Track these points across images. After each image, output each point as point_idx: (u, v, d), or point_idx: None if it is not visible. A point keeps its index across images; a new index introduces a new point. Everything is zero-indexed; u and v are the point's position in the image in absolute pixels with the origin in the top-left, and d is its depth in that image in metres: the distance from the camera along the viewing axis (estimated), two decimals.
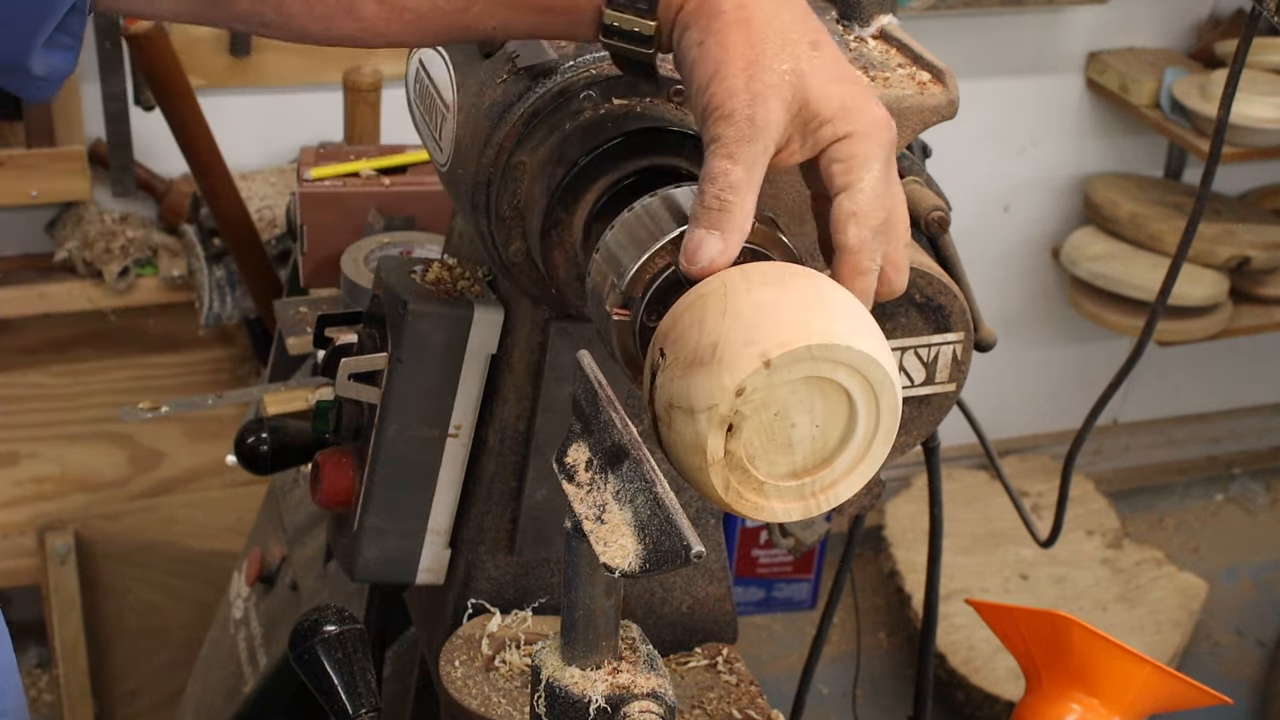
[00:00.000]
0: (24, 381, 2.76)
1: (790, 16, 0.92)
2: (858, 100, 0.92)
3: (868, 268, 0.92)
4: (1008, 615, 1.23)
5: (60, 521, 2.75)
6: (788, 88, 0.90)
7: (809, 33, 0.92)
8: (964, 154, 3.10)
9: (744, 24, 0.91)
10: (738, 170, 0.89)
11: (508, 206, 1.09)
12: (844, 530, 1.53)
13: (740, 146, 0.89)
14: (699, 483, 0.87)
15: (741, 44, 0.90)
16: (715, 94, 0.90)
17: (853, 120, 0.91)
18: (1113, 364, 1.68)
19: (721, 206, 0.89)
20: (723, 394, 0.84)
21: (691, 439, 0.86)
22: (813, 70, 0.91)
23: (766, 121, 0.90)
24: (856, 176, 0.91)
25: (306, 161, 1.96)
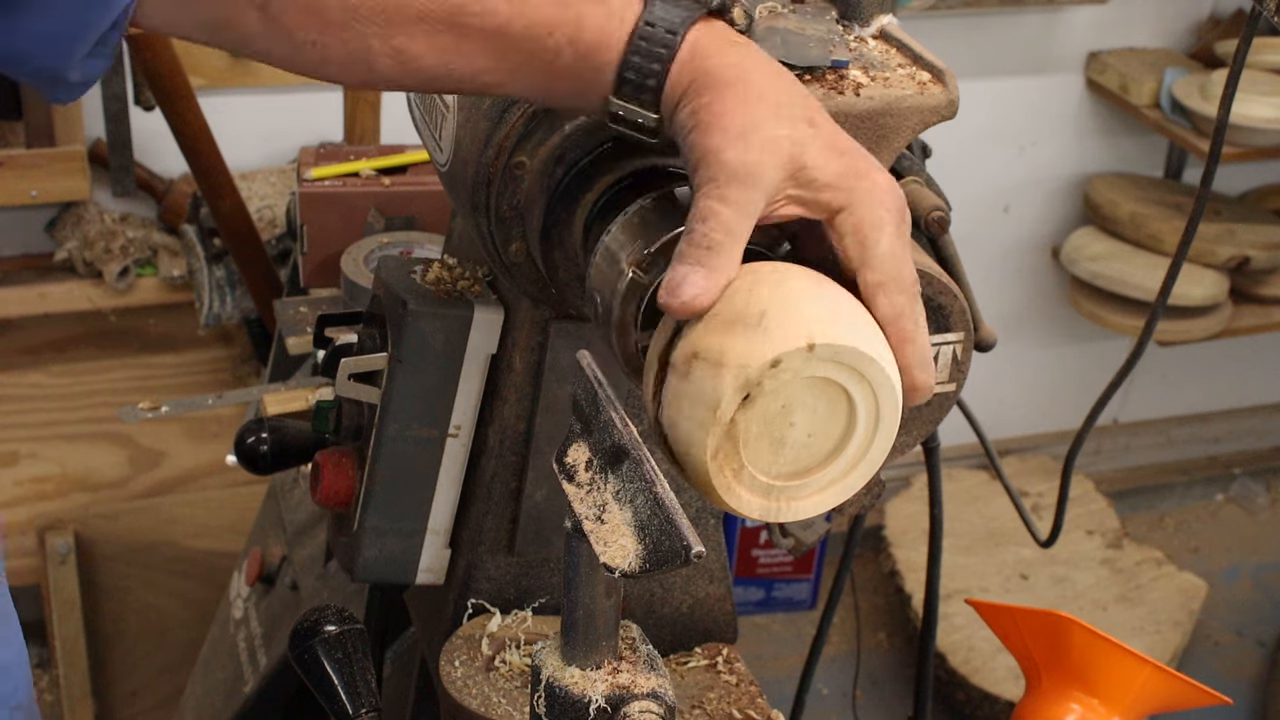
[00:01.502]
0: (24, 381, 2.76)
1: (788, 95, 0.92)
2: (859, 168, 0.91)
3: (912, 332, 0.91)
4: (1008, 615, 1.23)
5: (60, 521, 2.75)
6: (784, 149, 0.90)
7: (806, 110, 0.92)
8: (964, 154, 3.10)
9: (740, 96, 0.91)
10: (728, 212, 0.88)
11: (508, 206, 1.09)
12: (844, 530, 1.53)
13: (732, 189, 0.89)
14: (691, 440, 0.86)
15: (738, 111, 0.90)
16: (710, 147, 0.90)
17: (855, 188, 0.90)
18: (1113, 364, 1.68)
19: (710, 245, 0.88)
20: (758, 359, 0.84)
21: (708, 392, 0.85)
22: (810, 140, 0.91)
23: (760, 172, 0.89)
24: (872, 245, 0.90)
25: (306, 161, 1.96)
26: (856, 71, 1.15)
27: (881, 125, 1.12)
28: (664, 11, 0.94)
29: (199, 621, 2.55)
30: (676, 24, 0.93)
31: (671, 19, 0.93)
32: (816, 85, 1.12)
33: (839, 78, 1.14)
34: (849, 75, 1.14)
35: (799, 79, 0.98)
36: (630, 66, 0.94)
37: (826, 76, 1.13)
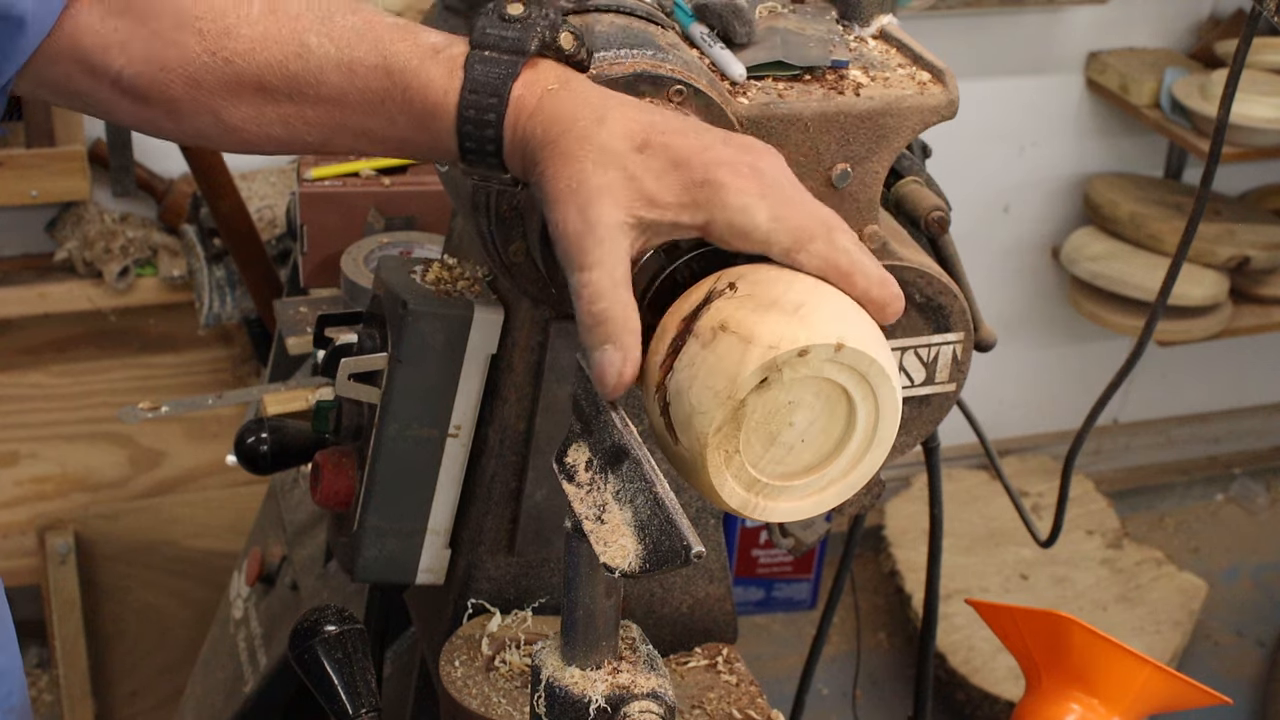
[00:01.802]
0: (24, 381, 2.76)
1: (608, 131, 0.91)
2: (694, 175, 0.89)
3: (848, 264, 0.89)
4: (1008, 615, 1.23)
5: (60, 521, 2.76)
6: (615, 192, 0.89)
7: (631, 139, 0.91)
8: (964, 154, 3.10)
9: (561, 153, 0.91)
10: (595, 276, 0.88)
11: (508, 206, 1.09)
12: (844, 530, 1.53)
13: (586, 255, 0.88)
14: (699, 408, 0.85)
15: (561, 173, 0.90)
16: (553, 220, 0.90)
17: (700, 199, 0.89)
18: (1113, 364, 1.68)
19: (598, 319, 0.88)
20: (789, 344, 0.84)
21: (730, 364, 0.85)
22: (642, 169, 0.90)
23: (602, 223, 0.88)
24: (752, 229, 0.89)
25: (306, 161, 1.96)
26: (856, 71, 1.15)
27: (881, 125, 1.12)
28: (484, 74, 0.94)
29: (199, 621, 2.55)
30: (497, 84, 0.94)
31: (492, 80, 0.94)
32: (817, 85, 1.13)
33: (839, 78, 1.14)
34: (849, 75, 1.14)
35: (638, 102, 0.97)
36: (465, 135, 0.95)
37: (826, 76, 1.13)
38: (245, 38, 0.97)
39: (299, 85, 0.97)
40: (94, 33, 0.97)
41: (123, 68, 0.97)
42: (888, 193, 1.23)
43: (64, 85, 1.00)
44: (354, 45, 0.97)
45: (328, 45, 0.97)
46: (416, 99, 0.96)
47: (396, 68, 0.96)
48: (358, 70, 0.96)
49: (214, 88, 0.98)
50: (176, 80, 0.98)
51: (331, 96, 0.97)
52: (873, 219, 1.16)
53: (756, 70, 1.12)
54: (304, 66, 0.97)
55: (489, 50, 0.94)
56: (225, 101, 0.98)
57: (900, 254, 1.16)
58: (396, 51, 0.96)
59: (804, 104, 1.10)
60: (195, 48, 0.97)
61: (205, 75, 0.97)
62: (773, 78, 1.13)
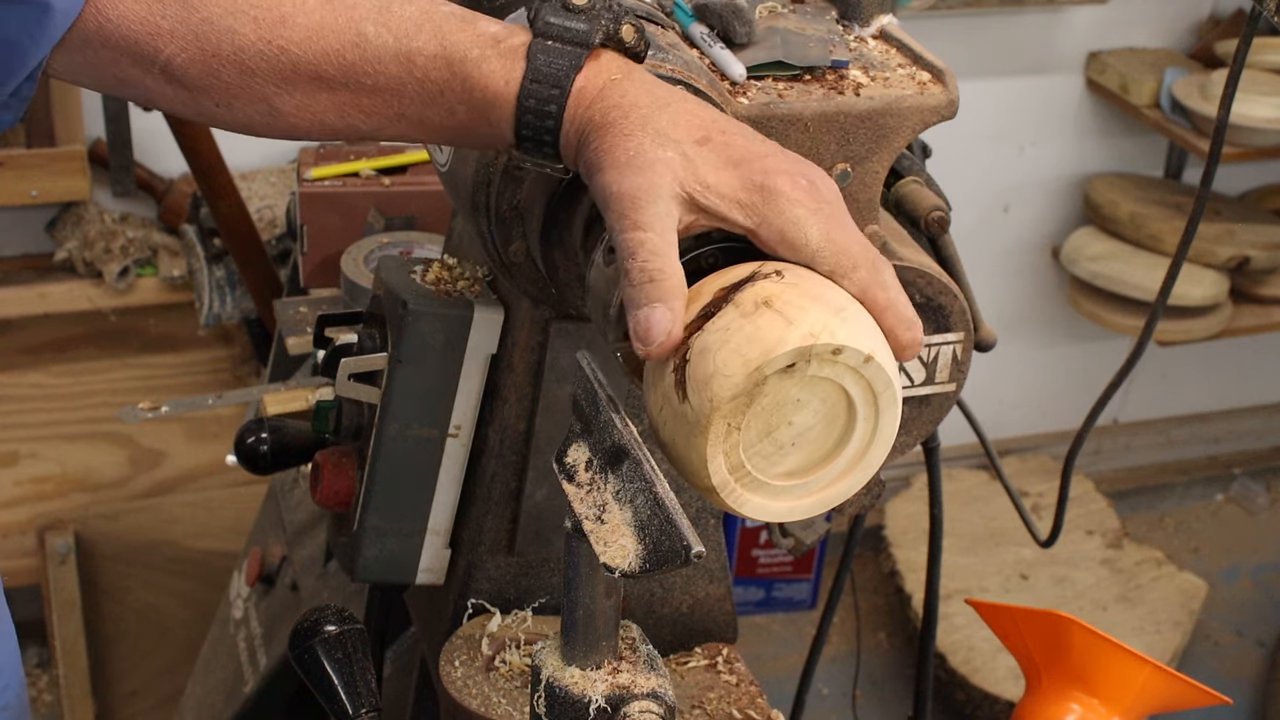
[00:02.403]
0: (24, 381, 2.76)
1: (670, 120, 0.91)
2: (754, 179, 0.90)
3: (885, 300, 0.90)
4: (1008, 615, 1.23)
5: (60, 521, 2.76)
6: (672, 169, 0.89)
7: (692, 131, 0.91)
8: (964, 154, 3.10)
9: (621, 131, 0.91)
10: (650, 236, 0.88)
11: (508, 206, 1.09)
12: (844, 530, 1.53)
13: (641, 213, 0.88)
14: (724, 370, 0.85)
15: (618, 146, 0.90)
16: (604, 185, 0.90)
17: (758, 202, 0.89)
18: (1113, 364, 1.68)
19: (652, 277, 0.87)
20: (829, 337, 0.84)
21: (768, 337, 0.84)
22: (700, 158, 0.90)
23: (654, 190, 0.88)
24: (801, 246, 0.89)
25: (306, 161, 1.96)
26: (856, 71, 1.15)
27: (881, 125, 1.12)
28: (546, 64, 0.94)
29: (199, 621, 2.55)
30: (560, 76, 0.93)
31: (555, 71, 0.94)
32: (817, 85, 1.13)
33: (839, 78, 1.14)
34: (849, 75, 1.14)
35: (696, 96, 0.97)
36: (524, 125, 0.95)
37: (826, 76, 1.13)
38: (301, 26, 0.96)
39: (356, 75, 0.96)
40: (140, 20, 0.95)
41: (172, 55, 0.96)
42: (888, 193, 1.23)
43: (107, 72, 0.98)
44: (412, 35, 0.96)
45: (385, 35, 0.96)
46: (477, 89, 0.95)
47: (457, 58, 0.95)
48: (416, 60, 0.95)
49: (268, 76, 0.96)
50: (229, 68, 0.96)
51: (389, 86, 0.96)
52: (873, 219, 1.16)
53: (756, 70, 1.12)
54: (361, 56, 0.96)
55: (552, 40, 0.94)
56: (279, 90, 0.97)
57: (900, 254, 1.16)
58: (457, 42, 0.95)
59: (804, 104, 1.10)
60: (250, 35, 0.95)
61: (259, 63, 0.96)
62: (773, 78, 1.13)
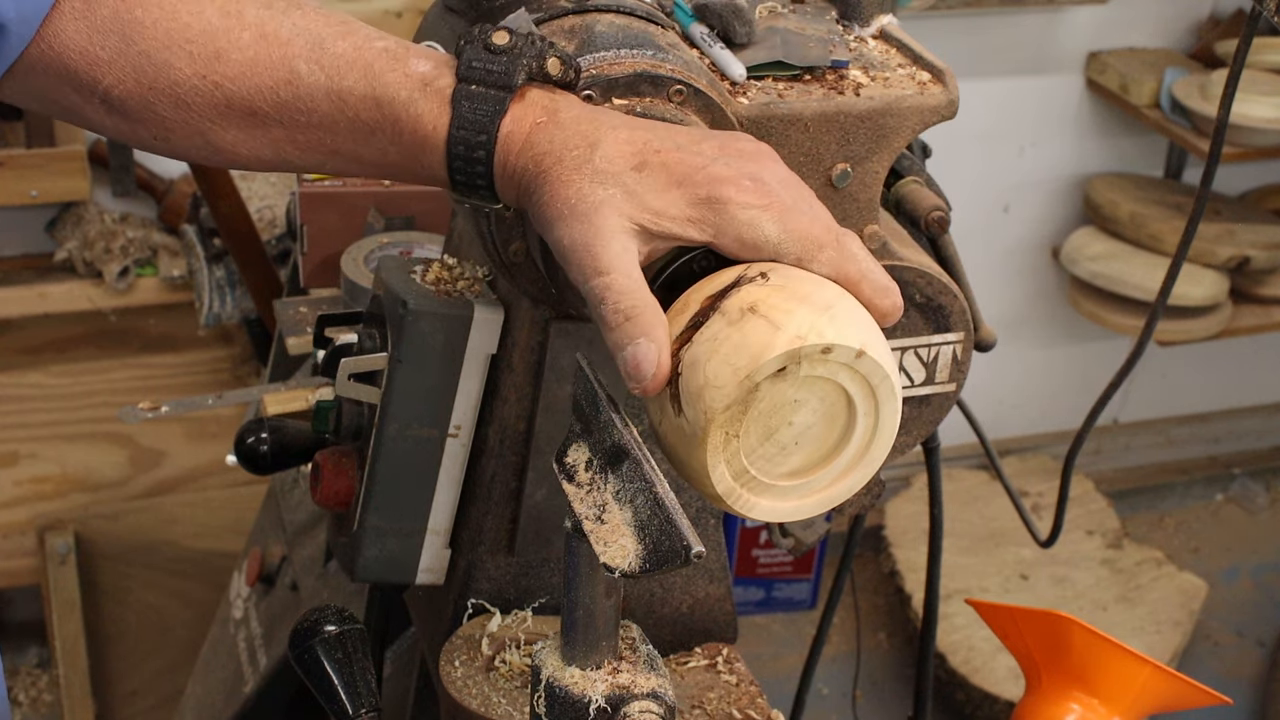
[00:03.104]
0: (24, 381, 2.76)
1: (603, 154, 0.91)
2: (698, 191, 0.89)
3: (857, 273, 0.89)
4: (1008, 615, 1.23)
5: (60, 521, 2.76)
6: (617, 204, 0.89)
7: (628, 159, 0.91)
8: (964, 154, 3.10)
9: (556, 179, 0.91)
10: (614, 278, 0.88)
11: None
12: (844, 530, 1.53)
13: (598, 259, 0.88)
14: (714, 382, 0.85)
15: (557, 196, 0.90)
16: (559, 240, 0.90)
17: (707, 217, 0.89)
18: (1113, 364, 1.68)
19: (627, 315, 0.87)
20: (816, 337, 0.84)
21: (755, 345, 0.84)
22: (641, 186, 0.90)
23: (608, 229, 0.89)
24: (762, 243, 0.89)
25: None
26: (856, 71, 1.15)
27: (881, 125, 1.12)
28: (471, 110, 0.94)
29: (199, 621, 2.55)
30: (485, 122, 0.94)
31: (479, 118, 0.94)
32: (817, 85, 1.13)
33: (839, 78, 1.14)
34: (849, 75, 1.14)
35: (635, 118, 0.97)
36: (455, 170, 0.95)
37: (826, 76, 1.13)
38: (235, 62, 0.96)
39: (289, 112, 0.97)
40: (80, 50, 0.96)
41: (110, 86, 0.97)
42: (888, 193, 1.23)
43: (51, 97, 0.99)
44: (344, 74, 0.96)
45: (318, 73, 0.96)
46: (406, 131, 0.96)
47: (385, 99, 0.95)
48: (348, 100, 0.96)
49: (203, 110, 0.97)
50: (164, 101, 0.97)
51: (322, 124, 0.97)
52: (873, 219, 1.16)
53: (756, 70, 1.12)
54: (294, 94, 0.96)
55: (475, 84, 0.94)
56: (214, 124, 0.98)
57: (900, 254, 1.16)
58: (386, 83, 0.96)
59: (804, 104, 1.10)
60: (185, 70, 0.96)
61: (194, 98, 0.97)
62: (773, 78, 1.13)
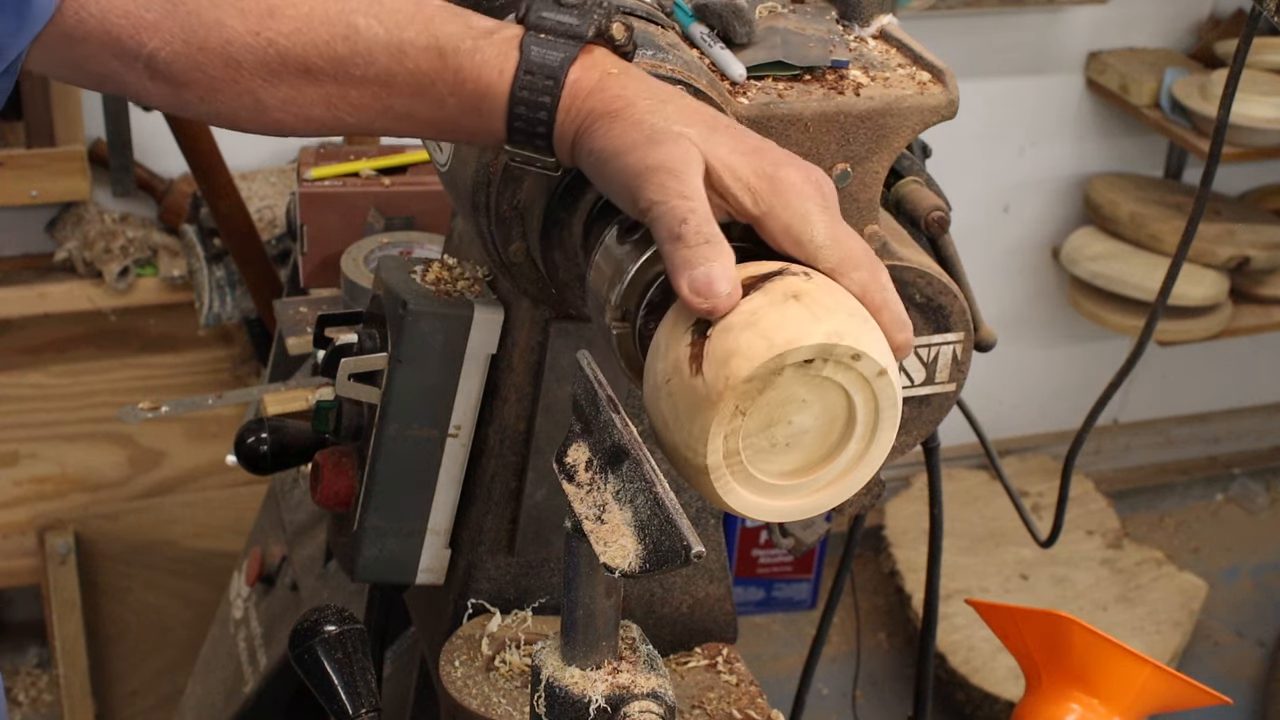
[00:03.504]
0: (24, 381, 2.76)
1: (676, 109, 0.91)
2: (765, 168, 0.90)
3: (882, 300, 0.90)
4: (1008, 615, 1.23)
5: (60, 521, 2.75)
6: (696, 143, 0.89)
7: (702, 120, 0.91)
8: (964, 154, 3.10)
9: (629, 119, 0.91)
10: (699, 205, 0.88)
11: (508, 206, 1.09)
12: (844, 530, 1.53)
13: (684, 183, 0.88)
14: (750, 353, 0.85)
15: (629, 131, 0.90)
16: (631, 162, 0.89)
17: (769, 191, 0.89)
18: (1113, 364, 1.68)
19: (709, 239, 0.87)
20: (853, 340, 0.86)
21: (795, 327, 0.85)
22: (714, 141, 0.90)
23: (691, 158, 0.89)
24: (807, 241, 0.89)
25: (306, 161, 1.96)
26: (856, 71, 1.15)
27: (881, 125, 1.12)
28: (540, 55, 0.93)
29: (199, 621, 2.55)
30: (554, 67, 0.93)
31: (549, 62, 0.93)
32: (817, 85, 1.13)
33: (839, 78, 1.14)
34: (849, 75, 1.14)
35: (695, 96, 0.97)
36: (516, 116, 0.94)
37: (826, 76, 1.13)
38: (290, 18, 0.95)
39: (345, 67, 0.96)
40: (124, 12, 0.94)
41: (156, 49, 0.95)
42: (888, 193, 1.23)
43: (89, 66, 0.97)
44: (404, 27, 0.95)
45: (376, 27, 0.95)
46: (469, 80, 0.95)
47: (449, 49, 0.95)
48: (408, 52, 0.95)
49: (255, 68, 0.96)
50: (215, 61, 0.95)
51: (378, 78, 0.96)
52: (873, 219, 1.16)
53: (756, 70, 1.12)
54: (351, 49, 0.95)
55: (545, 33, 0.94)
56: (265, 83, 0.96)
57: (900, 254, 1.16)
58: (449, 33, 0.95)
59: (804, 104, 1.10)
60: (237, 28, 0.95)
61: (246, 55, 0.95)
62: (773, 78, 1.13)
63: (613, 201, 0.95)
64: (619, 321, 0.94)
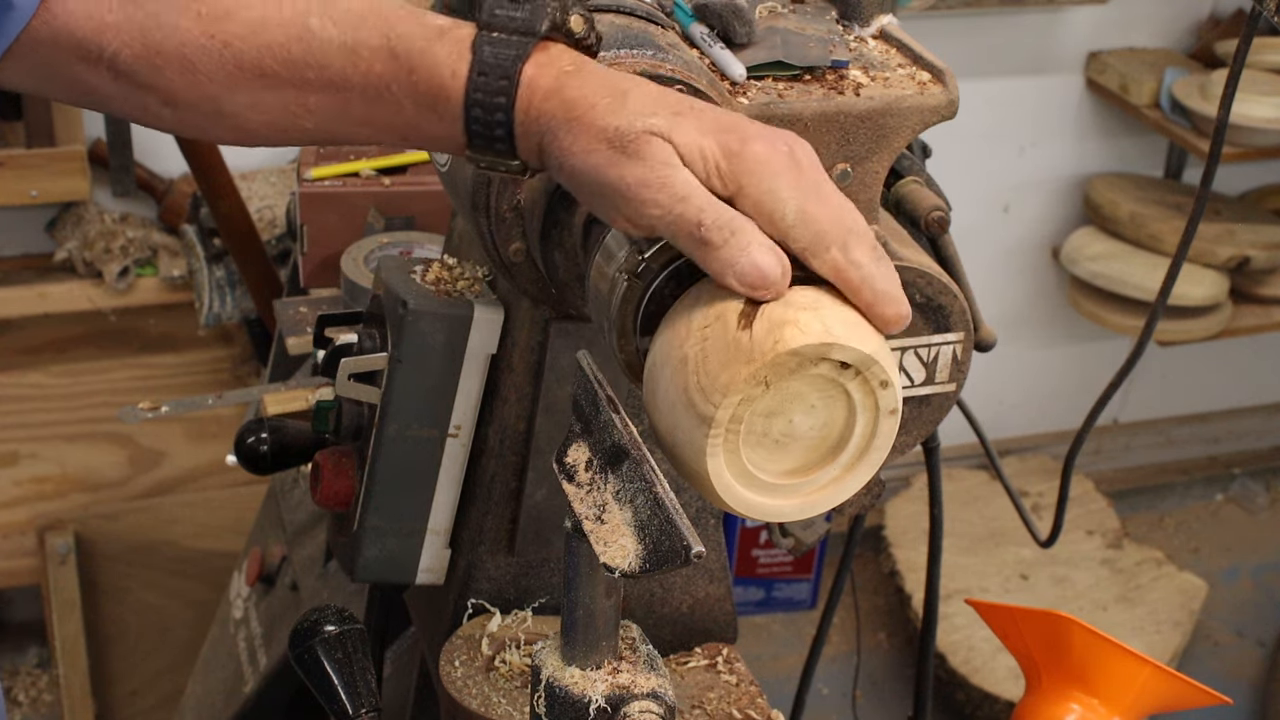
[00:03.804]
0: (24, 381, 2.76)
1: (636, 101, 0.89)
2: (731, 145, 0.87)
3: (859, 278, 0.87)
4: (1008, 615, 1.23)
5: (60, 521, 2.76)
6: (663, 133, 0.88)
7: (665, 106, 0.89)
8: (964, 154, 3.10)
9: (588, 126, 0.89)
10: (698, 198, 0.86)
11: (508, 206, 1.09)
12: (844, 530, 1.53)
13: (673, 184, 0.86)
14: (807, 329, 0.85)
15: (600, 138, 0.88)
16: (612, 181, 0.88)
17: (736, 170, 0.87)
18: (1113, 364, 1.68)
19: (731, 229, 0.86)
20: (888, 368, 0.87)
21: (855, 328, 0.86)
22: (680, 128, 0.88)
23: (662, 155, 0.87)
24: (779, 218, 0.87)
25: (306, 161, 1.96)
26: (856, 71, 1.15)
27: (881, 125, 1.12)
28: (493, 55, 0.91)
29: (199, 621, 2.55)
30: (507, 67, 0.91)
31: (502, 62, 0.91)
32: (817, 85, 1.12)
33: (839, 78, 1.14)
34: (849, 75, 1.14)
35: (671, 88, 0.96)
36: (473, 120, 0.92)
37: (826, 76, 1.13)
38: (244, 20, 0.94)
39: (300, 70, 0.95)
40: (88, 16, 0.94)
41: (117, 51, 0.95)
42: (888, 193, 1.23)
43: (58, 73, 0.97)
44: (357, 28, 0.94)
45: (330, 28, 0.94)
46: (423, 82, 0.93)
47: (402, 50, 0.93)
48: (361, 53, 0.94)
49: (212, 73, 0.95)
50: (172, 65, 0.95)
51: (334, 82, 0.95)
52: (873, 219, 1.16)
53: (756, 70, 1.12)
54: (305, 50, 0.94)
55: (497, 31, 0.92)
56: (223, 88, 0.96)
57: (900, 254, 1.16)
58: (402, 34, 0.94)
59: (804, 104, 1.10)
60: (193, 30, 0.94)
61: (203, 59, 0.94)
62: (773, 78, 1.13)
63: (600, 218, 0.93)
64: (633, 276, 0.93)
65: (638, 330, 0.94)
